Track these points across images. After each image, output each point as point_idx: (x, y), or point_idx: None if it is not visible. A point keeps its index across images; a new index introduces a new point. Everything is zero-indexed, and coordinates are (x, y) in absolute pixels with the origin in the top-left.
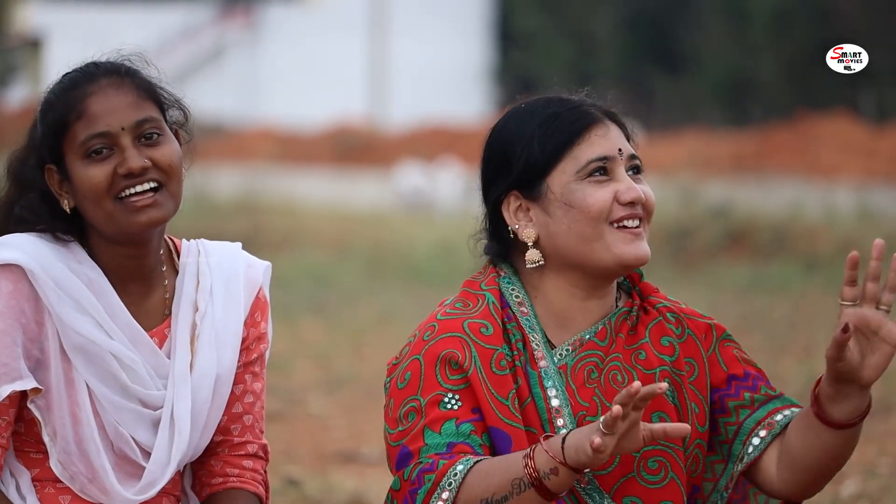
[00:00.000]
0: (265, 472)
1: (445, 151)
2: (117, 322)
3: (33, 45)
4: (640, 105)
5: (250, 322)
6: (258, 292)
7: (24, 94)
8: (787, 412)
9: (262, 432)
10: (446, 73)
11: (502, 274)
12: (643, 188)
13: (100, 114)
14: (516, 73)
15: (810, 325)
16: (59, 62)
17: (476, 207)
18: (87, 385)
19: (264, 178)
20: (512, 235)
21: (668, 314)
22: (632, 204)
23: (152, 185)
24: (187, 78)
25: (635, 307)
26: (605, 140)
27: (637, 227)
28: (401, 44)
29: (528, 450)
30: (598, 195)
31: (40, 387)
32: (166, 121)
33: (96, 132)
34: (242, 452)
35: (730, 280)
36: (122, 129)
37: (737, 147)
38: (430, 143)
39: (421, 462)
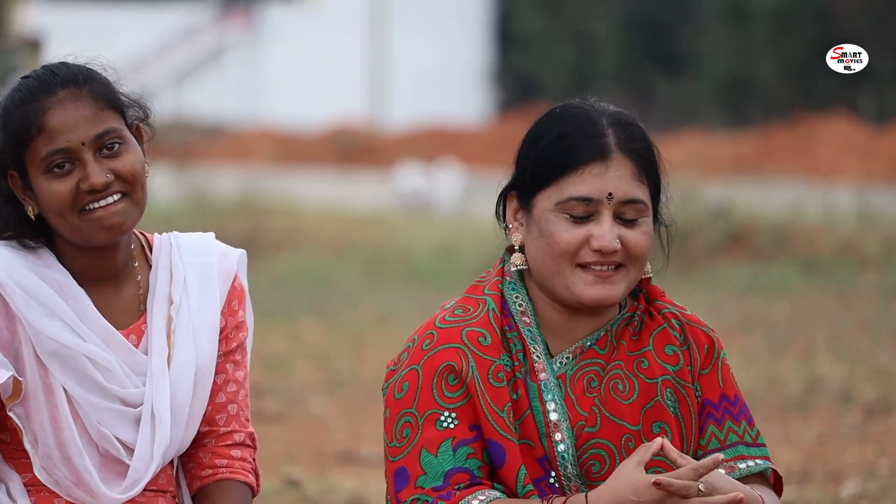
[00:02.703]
0: (254, 460)
1: (445, 152)
2: (89, 324)
3: (33, 46)
4: (640, 106)
5: (227, 311)
6: (234, 281)
7: None
8: (751, 462)
9: (247, 420)
10: (446, 73)
11: (508, 278)
12: (630, 235)
13: (59, 129)
14: (516, 74)
15: (810, 326)
16: None
17: (475, 208)
18: (65, 389)
19: (264, 178)
20: (505, 233)
21: (672, 321)
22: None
23: (116, 197)
24: (187, 78)
25: (639, 311)
26: (598, 180)
27: (607, 270)
28: (401, 44)
29: None
30: (567, 234)
31: (20, 378)
32: (127, 124)
33: (56, 148)
34: (229, 442)
35: (730, 281)
36: (83, 144)
37: (737, 148)
38: (429, 144)
39: (419, 499)
